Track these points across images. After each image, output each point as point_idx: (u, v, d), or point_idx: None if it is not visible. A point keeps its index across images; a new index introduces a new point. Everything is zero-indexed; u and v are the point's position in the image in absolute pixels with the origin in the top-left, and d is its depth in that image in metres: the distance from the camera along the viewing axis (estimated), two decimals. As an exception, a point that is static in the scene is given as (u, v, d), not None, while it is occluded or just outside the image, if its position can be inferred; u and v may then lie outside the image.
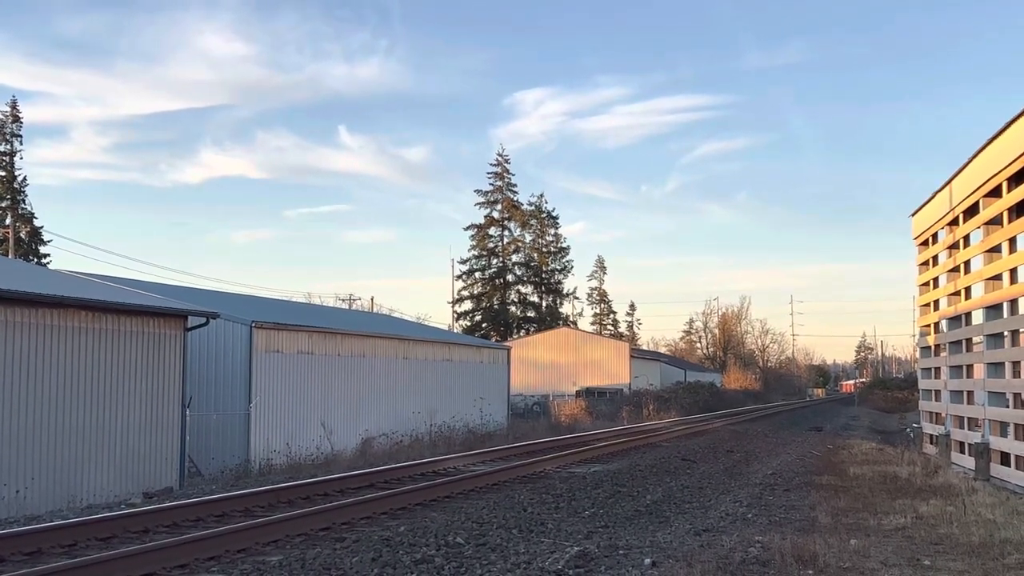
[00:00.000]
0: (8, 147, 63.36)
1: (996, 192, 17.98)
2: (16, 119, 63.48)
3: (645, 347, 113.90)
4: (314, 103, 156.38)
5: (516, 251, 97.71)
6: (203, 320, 22.59)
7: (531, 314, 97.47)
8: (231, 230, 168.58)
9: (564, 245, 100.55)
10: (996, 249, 18.21)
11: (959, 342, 21.33)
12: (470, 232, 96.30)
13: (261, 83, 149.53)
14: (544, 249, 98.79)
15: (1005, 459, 17.62)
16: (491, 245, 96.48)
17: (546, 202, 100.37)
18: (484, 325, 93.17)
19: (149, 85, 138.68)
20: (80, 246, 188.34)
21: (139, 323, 20.64)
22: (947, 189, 21.61)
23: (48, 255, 60.85)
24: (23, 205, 61.93)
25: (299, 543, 11.46)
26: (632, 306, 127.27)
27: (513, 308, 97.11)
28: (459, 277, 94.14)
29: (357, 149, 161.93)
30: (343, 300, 77.46)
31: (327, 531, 12.38)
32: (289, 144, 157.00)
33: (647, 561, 9.86)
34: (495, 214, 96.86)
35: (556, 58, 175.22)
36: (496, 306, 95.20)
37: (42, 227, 61.65)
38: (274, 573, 9.50)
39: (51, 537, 11.45)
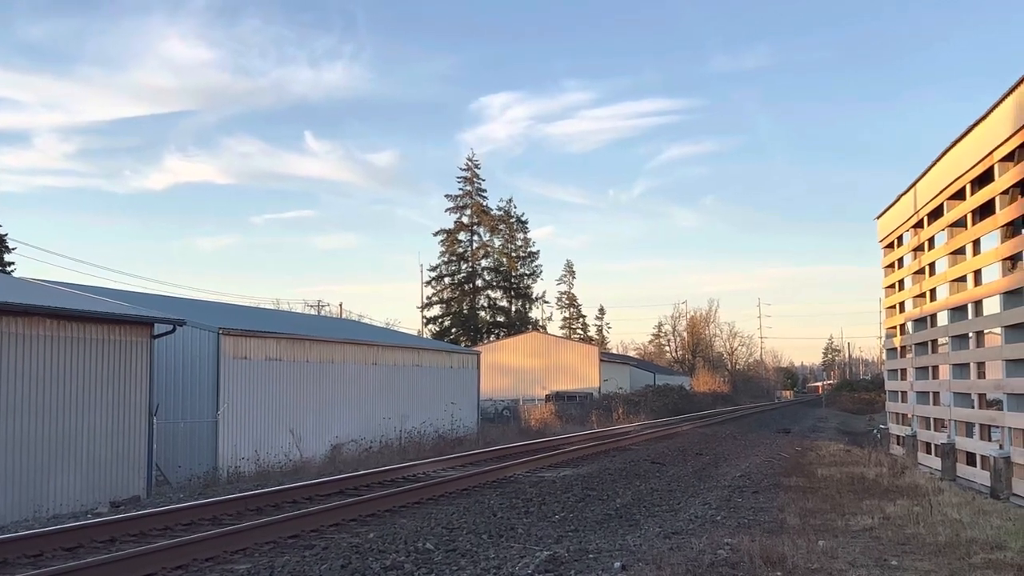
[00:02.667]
0: (-30, 153, 62.64)
1: (960, 194, 18.17)
2: (-21, 125, 62.75)
3: (614, 351, 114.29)
4: (279, 108, 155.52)
5: (485, 256, 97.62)
6: (170, 327, 22.40)
7: (501, 319, 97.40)
8: (197, 236, 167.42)
9: (533, 250, 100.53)
10: (960, 251, 18.39)
11: (925, 343, 21.52)
12: (439, 237, 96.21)
13: (225, 88, 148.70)
14: (513, 254, 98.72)
15: (971, 459, 17.78)
16: (460, 250, 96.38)
17: (515, 207, 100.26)
18: (454, 330, 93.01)
19: (112, 91, 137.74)
20: (45, 253, 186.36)
21: (105, 331, 20.45)
22: (912, 192, 21.81)
23: (12, 263, 60.03)
24: (-14, 212, 61.24)
25: (268, 551, 11.39)
26: (601, 310, 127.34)
27: (483, 313, 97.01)
28: (428, 282, 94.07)
29: (323, 154, 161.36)
30: (311, 306, 77.21)
31: (296, 539, 12.31)
32: (254, 150, 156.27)
33: (617, 564, 9.86)
34: (464, 219, 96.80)
35: (522, 62, 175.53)
36: (466, 311, 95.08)
37: (6, 234, 60.64)
38: (242, 581, 9.44)
39: (16, 547, 11.31)
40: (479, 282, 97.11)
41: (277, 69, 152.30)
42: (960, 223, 18.30)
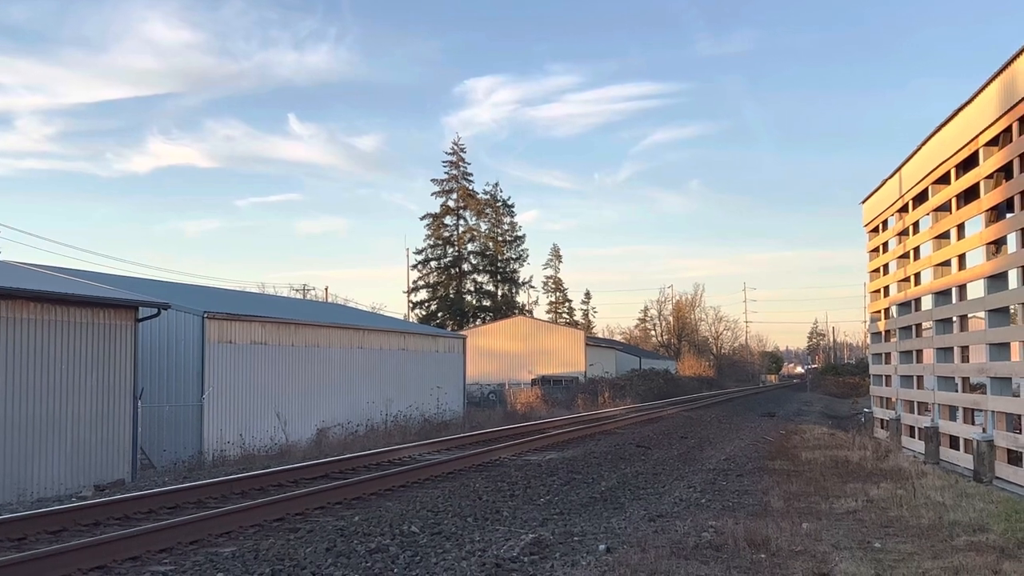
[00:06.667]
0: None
1: (945, 179, 18.23)
2: (-39, 107, 62.24)
3: (600, 335, 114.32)
4: (263, 91, 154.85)
5: (472, 240, 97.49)
6: (154, 311, 22.30)
7: (487, 303, 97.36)
8: (182, 220, 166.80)
9: (519, 234, 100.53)
10: (945, 235, 18.47)
11: (909, 328, 21.62)
12: (425, 221, 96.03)
13: (208, 71, 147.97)
14: (499, 238, 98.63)
15: (954, 443, 17.90)
16: (446, 234, 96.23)
17: (501, 191, 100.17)
18: (440, 314, 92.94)
19: (95, 73, 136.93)
20: (28, 236, 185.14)
21: (89, 314, 20.34)
22: (897, 176, 21.87)
23: (-5, 245, 59.81)
24: (-31, 195, 60.82)
25: (252, 534, 11.38)
26: (587, 294, 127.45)
27: (469, 297, 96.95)
28: (414, 266, 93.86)
29: (308, 138, 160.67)
30: (297, 290, 77.11)
31: (281, 522, 12.31)
32: (238, 133, 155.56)
33: (601, 547, 9.90)
34: (451, 203, 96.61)
35: (507, 46, 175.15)
36: (452, 295, 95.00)
37: (-11, 217, 60.59)
38: (227, 565, 9.41)
39: (-1, 531, 11.27)
40: (465, 266, 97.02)
41: (261, 52, 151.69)
42: (945, 207, 18.37)
